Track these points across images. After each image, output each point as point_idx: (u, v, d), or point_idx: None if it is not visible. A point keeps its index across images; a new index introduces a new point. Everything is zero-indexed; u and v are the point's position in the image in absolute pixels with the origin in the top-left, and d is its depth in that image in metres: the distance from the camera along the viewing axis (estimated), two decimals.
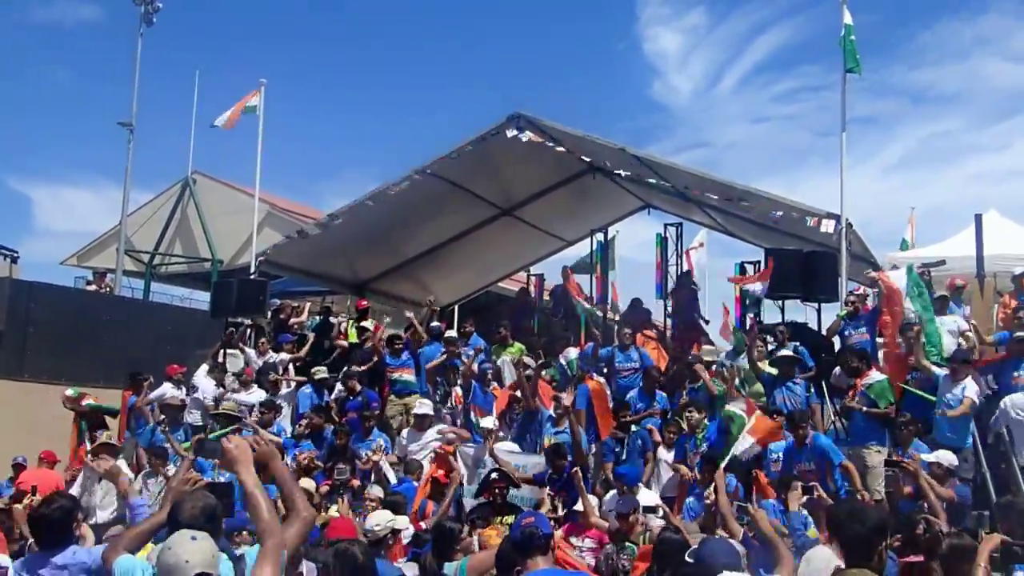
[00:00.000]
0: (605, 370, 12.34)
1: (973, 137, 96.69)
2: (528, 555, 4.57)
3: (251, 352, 13.81)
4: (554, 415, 10.62)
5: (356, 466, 10.22)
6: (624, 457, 10.18)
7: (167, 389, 12.57)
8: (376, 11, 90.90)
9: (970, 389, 9.40)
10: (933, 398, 9.75)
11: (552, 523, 5.01)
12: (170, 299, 25.62)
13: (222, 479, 7.25)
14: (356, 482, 9.83)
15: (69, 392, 12.35)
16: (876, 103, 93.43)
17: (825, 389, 11.00)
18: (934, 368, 9.92)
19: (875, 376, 10.00)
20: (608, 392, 11.67)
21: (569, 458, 9.28)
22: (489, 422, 10.41)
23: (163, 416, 11.84)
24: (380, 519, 6.93)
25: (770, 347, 11.27)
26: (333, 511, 7.79)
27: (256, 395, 12.71)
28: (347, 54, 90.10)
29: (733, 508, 6.77)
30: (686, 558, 4.77)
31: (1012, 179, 79.98)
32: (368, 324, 14.33)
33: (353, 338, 14.36)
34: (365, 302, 15.55)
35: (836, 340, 11.62)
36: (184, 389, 12.81)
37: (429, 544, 6.61)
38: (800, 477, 8.01)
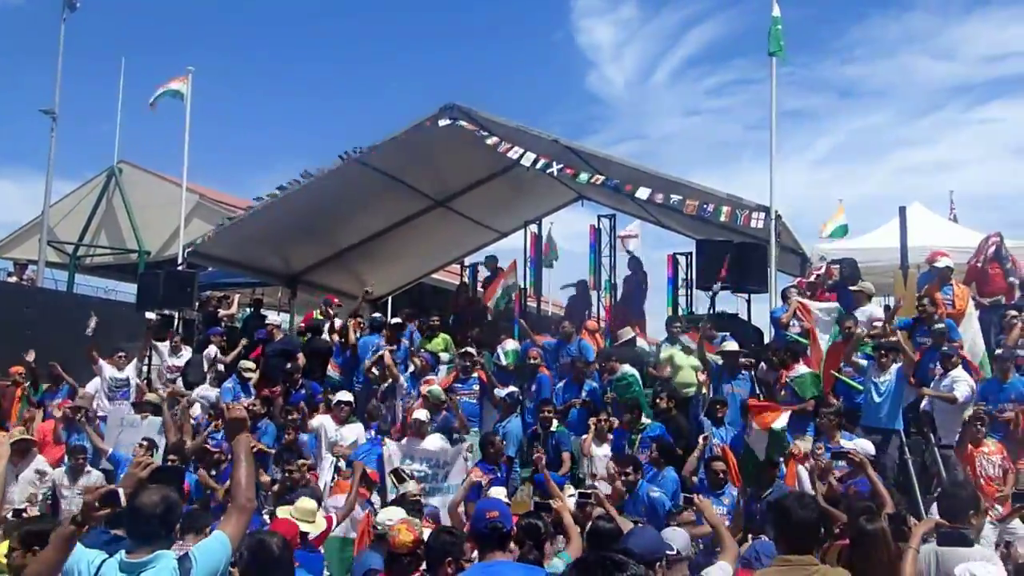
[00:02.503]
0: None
1: (900, 131, 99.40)
2: (489, 548, 4.57)
3: (163, 348, 13.50)
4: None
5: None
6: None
7: (97, 385, 12.33)
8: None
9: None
10: (861, 387, 10.04)
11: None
12: (95, 291, 24.97)
13: None
14: (309, 477, 9.67)
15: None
16: (806, 97, 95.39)
17: (755, 380, 11.18)
18: (862, 362, 10.19)
19: (801, 369, 10.29)
20: None
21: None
22: (423, 415, 10.37)
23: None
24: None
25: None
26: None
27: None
28: (278, 43, 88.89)
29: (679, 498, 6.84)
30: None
31: (936, 172, 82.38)
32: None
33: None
34: (336, 299, 15.26)
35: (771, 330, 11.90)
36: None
37: None
38: None
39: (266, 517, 7.88)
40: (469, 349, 12.18)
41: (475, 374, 11.61)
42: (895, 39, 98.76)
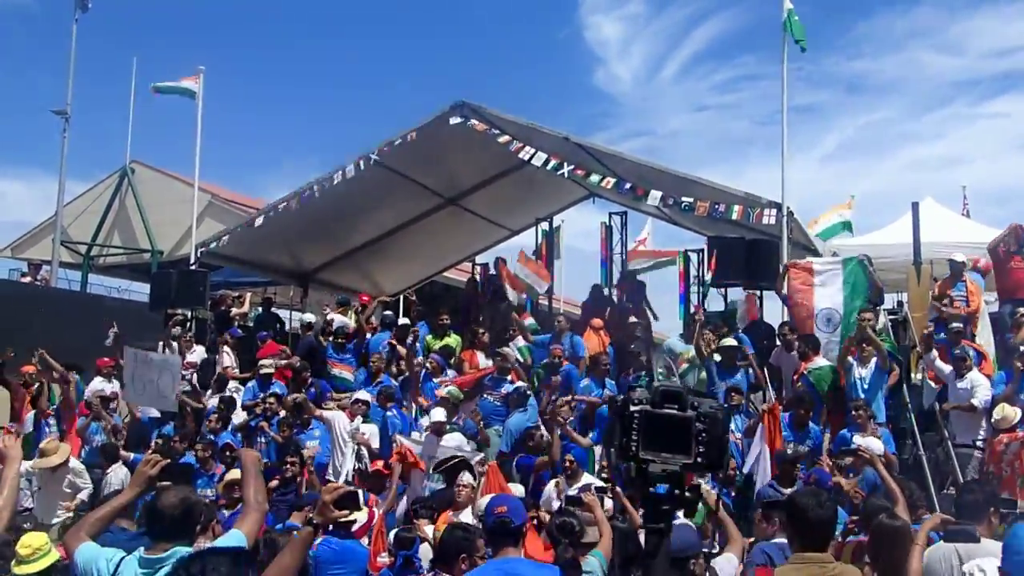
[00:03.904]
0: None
1: (908, 126, 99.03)
2: (501, 544, 4.51)
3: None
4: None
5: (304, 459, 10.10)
6: None
7: (97, 383, 12.38)
8: None
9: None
10: None
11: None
12: (108, 291, 25.09)
13: None
14: (306, 476, 9.67)
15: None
16: (813, 93, 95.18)
17: (766, 374, 11.16)
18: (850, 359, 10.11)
19: (820, 362, 10.23)
20: None
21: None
22: (440, 414, 10.28)
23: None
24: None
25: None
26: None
27: (197, 353, 13.05)
28: (288, 42, 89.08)
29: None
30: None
31: (946, 167, 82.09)
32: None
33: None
34: (367, 297, 15.28)
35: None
36: (117, 382, 12.59)
37: (417, 542, 6.36)
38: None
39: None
40: (505, 350, 12.02)
41: (509, 376, 11.47)
42: (902, 34, 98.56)
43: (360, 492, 4.45)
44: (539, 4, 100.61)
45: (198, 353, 13.52)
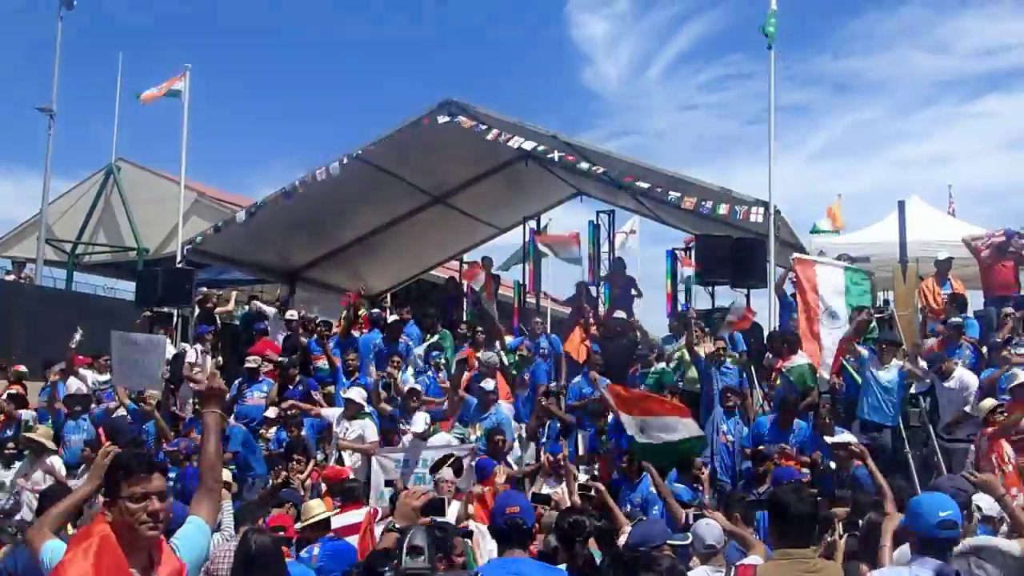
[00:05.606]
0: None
1: (896, 125, 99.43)
2: (508, 544, 4.48)
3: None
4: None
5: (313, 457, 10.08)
6: (543, 440, 10.25)
7: (72, 383, 12.34)
8: None
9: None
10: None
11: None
12: (93, 289, 24.97)
13: None
14: (316, 474, 9.61)
15: None
16: (801, 92, 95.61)
17: (754, 373, 11.17)
18: (863, 351, 10.12)
19: (797, 360, 10.23)
20: None
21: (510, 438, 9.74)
22: (421, 423, 10.04)
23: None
24: None
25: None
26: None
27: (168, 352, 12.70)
28: (275, 40, 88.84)
29: (689, 515, 6.76)
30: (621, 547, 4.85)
31: (932, 166, 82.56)
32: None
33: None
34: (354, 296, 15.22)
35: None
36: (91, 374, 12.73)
37: None
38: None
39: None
40: (485, 355, 11.91)
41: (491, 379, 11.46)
42: (889, 33, 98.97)
43: (445, 499, 4.41)
44: (525, 2, 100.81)
45: (169, 352, 13.33)
